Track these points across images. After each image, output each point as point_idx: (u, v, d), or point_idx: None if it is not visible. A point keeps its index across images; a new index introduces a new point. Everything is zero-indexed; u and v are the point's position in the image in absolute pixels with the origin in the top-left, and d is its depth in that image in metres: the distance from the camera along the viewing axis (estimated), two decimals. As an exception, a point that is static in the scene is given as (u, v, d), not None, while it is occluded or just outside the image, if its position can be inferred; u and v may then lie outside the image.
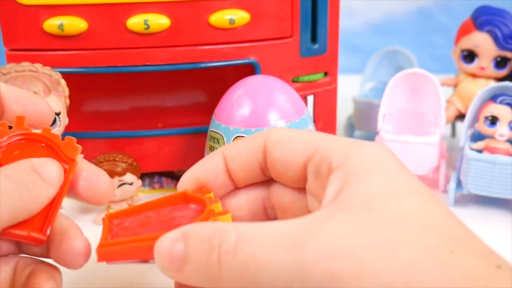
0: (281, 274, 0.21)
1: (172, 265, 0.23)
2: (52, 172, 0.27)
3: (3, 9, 0.40)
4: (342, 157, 0.25)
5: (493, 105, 0.46)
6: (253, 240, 0.22)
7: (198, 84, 0.51)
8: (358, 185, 0.23)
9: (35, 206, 0.26)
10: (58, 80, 0.38)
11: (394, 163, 0.25)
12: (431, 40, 0.84)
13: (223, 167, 0.29)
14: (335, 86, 0.48)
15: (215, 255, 0.22)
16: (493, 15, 0.50)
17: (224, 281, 0.22)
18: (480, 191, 0.45)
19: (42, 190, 0.26)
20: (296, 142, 0.27)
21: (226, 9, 0.41)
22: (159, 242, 0.24)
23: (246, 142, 0.29)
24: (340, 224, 0.22)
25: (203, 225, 0.23)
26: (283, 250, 0.21)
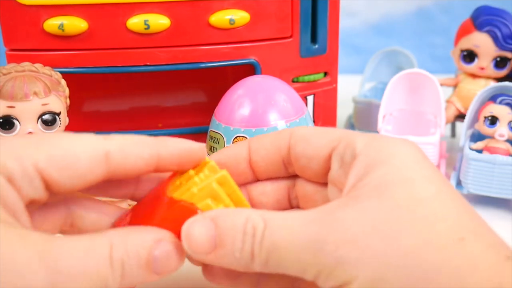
0: (298, 260, 0.23)
1: (202, 250, 0.24)
2: (172, 261, 0.24)
3: (3, 9, 0.40)
4: (364, 145, 0.26)
5: (493, 105, 0.46)
6: (276, 230, 0.24)
7: (198, 84, 0.51)
8: (375, 173, 0.24)
9: (126, 286, 0.23)
10: (58, 80, 0.38)
11: (413, 152, 0.25)
12: (431, 40, 0.84)
13: (246, 156, 0.30)
14: (335, 86, 0.48)
15: (249, 243, 0.24)
16: (493, 15, 0.50)
17: (255, 265, 0.24)
18: (480, 191, 0.45)
19: (143, 276, 0.24)
20: (319, 137, 0.28)
21: (226, 9, 0.41)
22: (187, 227, 0.24)
23: (272, 137, 0.30)
24: (350, 213, 0.23)
25: (233, 213, 0.25)
26: (300, 238, 0.23)
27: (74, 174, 0.25)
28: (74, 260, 0.22)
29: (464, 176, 0.45)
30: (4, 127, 0.37)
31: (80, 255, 0.22)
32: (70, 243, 0.22)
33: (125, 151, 0.26)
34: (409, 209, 0.23)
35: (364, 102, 0.57)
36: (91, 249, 0.22)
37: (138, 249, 0.23)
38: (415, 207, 0.23)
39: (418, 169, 0.25)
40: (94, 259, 0.22)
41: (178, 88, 0.51)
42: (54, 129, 0.38)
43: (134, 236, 0.24)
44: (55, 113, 0.37)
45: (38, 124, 0.37)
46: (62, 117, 0.38)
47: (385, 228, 0.23)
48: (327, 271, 0.23)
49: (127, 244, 0.23)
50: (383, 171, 0.24)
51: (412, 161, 0.25)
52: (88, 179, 0.25)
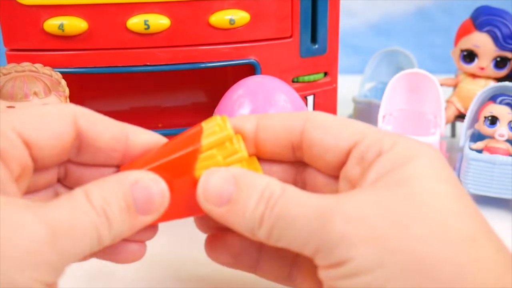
0: (302, 232, 0.23)
1: (215, 201, 0.25)
2: (154, 200, 0.25)
3: (3, 9, 0.40)
4: (391, 144, 0.25)
5: (493, 105, 0.46)
6: (290, 199, 0.24)
7: (198, 84, 0.51)
8: (398, 170, 0.24)
9: (113, 241, 0.24)
10: (59, 80, 0.38)
11: (435, 155, 0.25)
12: (431, 40, 0.84)
13: (251, 133, 0.28)
14: (335, 86, 0.48)
15: (262, 206, 0.24)
16: (493, 15, 0.50)
17: (261, 231, 0.24)
18: (479, 191, 0.45)
19: (128, 224, 0.24)
20: (340, 127, 0.27)
21: (226, 9, 0.41)
22: (207, 175, 0.25)
23: (283, 118, 0.28)
24: (365, 196, 0.23)
25: (256, 175, 0.25)
26: (309, 211, 0.23)
27: (48, 132, 0.25)
28: (63, 218, 0.22)
29: (464, 176, 0.45)
30: (4, 127, 0.37)
31: (66, 213, 0.23)
32: (55, 204, 0.23)
33: (93, 118, 0.27)
34: (426, 201, 0.23)
35: (364, 102, 0.57)
36: (72, 205, 0.23)
37: (115, 194, 0.24)
38: (433, 201, 0.23)
39: (440, 171, 0.24)
40: (78, 213, 0.23)
41: (178, 88, 0.51)
42: (54, 129, 0.38)
43: (110, 183, 0.24)
44: (55, 113, 0.37)
45: (38, 124, 0.37)
46: (62, 117, 0.38)
47: (398, 213, 0.22)
48: (329, 247, 0.23)
49: (103, 191, 0.24)
50: (407, 168, 0.24)
51: (435, 164, 0.25)
52: (62, 138, 0.26)
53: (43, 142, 0.25)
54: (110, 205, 0.24)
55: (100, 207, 0.23)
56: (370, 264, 0.22)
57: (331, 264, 0.23)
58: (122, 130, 0.27)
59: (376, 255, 0.22)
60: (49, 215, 0.22)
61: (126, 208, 0.24)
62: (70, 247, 0.22)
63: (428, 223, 0.22)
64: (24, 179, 0.25)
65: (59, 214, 0.22)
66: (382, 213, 0.22)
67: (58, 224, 0.22)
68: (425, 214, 0.22)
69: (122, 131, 0.27)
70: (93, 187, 0.24)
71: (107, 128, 0.27)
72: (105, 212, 0.23)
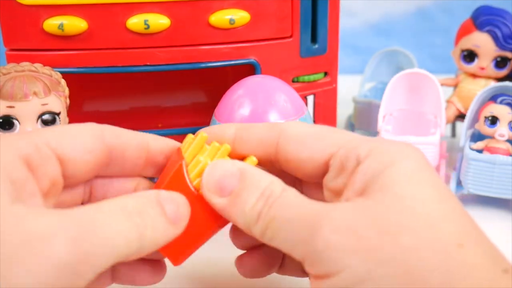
0: (291, 235, 0.23)
1: (218, 191, 0.25)
2: (180, 209, 0.25)
3: (3, 9, 0.40)
4: (368, 150, 0.25)
5: (493, 105, 0.46)
6: (287, 201, 0.24)
7: (198, 84, 0.51)
8: (381, 175, 0.24)
9: (148, 247, 0.24)
10: (58, 80, 0.38)
11: (417, 157, 0.25)
12: (431, 40, 0.84)
13: (230, 143, 0.28)
14: (335, 86, 0.48)
15: (261, 204, 0.24)
16: (493, 15, 0.50)
17: (256, 227, 0.25)
18: (480, 191, 0.45)
19: (162, 230, 0.24)
20: (315, 140, 0.27)
21: (226, 9, 0.41)
22: (213, 165, 0.26)
23: (259, 131, 0.28)
24: (352, 205, 0.23)
25: (261, 172, 0.26)
26: (302, 216, 0.23)
27: (81, 148, 0.26)
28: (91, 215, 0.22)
29: (464, 176, 0.45)
30: (4, 127, 0.37)
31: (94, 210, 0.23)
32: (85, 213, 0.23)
33: (117, 131, 0.28)
34: (413, 208, 0.23)
35: (364, 102, 0.57)
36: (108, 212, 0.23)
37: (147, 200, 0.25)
38: (419, 207, 0.23)
39: (423, 173, 0.24)
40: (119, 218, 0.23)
41: (178, 88, 0.51)
42: (54, 129, 0.38)
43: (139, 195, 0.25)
44: (55, 113, 0.37)
45: (37, 124, 0.37)
46: (62, 117, 0.38)
47: (385, 223, 0.22)
48: (315, 256, 0.22)
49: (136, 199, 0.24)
50: (389, 173, 0.24)
51: (417, 166, 0.24)
52: (95, 154, 0.27)
53: (77, 158, 0.26)
54: (145, 211, 0.24)
55: (136, 211, 0.24)
56: (358, 276, 0.22)
57: (320, 275, 0.23)
58: (143, 137, 0.29)
59: (364, 266, 0.21)
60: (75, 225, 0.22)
61: (160, 214, 0.25)
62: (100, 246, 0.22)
63: (416, 231, 0.22)
64: (52, 195, 0.26)
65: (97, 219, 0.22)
66: (369, 222, 0.22)
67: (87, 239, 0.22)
68: (412, 222, 0.22)
69: (143, 139, 0.28)
70: (126, 197, 0.24)
71: (131, 138, 0.28)
72: (139, 212, 0.24)
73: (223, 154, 0.27)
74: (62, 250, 0.21)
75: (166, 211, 0.25)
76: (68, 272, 0.21)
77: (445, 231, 0.22)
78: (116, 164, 0.28)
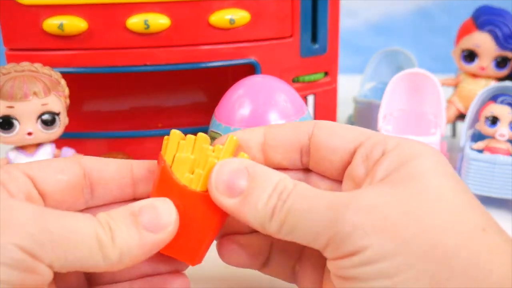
0: (314, 224, 0.23)
1: (228, 192, 0.25)
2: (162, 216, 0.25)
3: (3, 9, 0.40)
4: (395, 144, 0.26)
5: (494, 105, 0.46)
6: (303, 194, 0.24)
7: (198, 84, 0.51)
8: (407, 165, 0.24)
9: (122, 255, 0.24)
10: (58, 80, 0.38)
11: (438, 154, 0.26)
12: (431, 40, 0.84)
13: (259, 141, 0.29)
14: (335, 86, 0.48)
15: (274, 199, 0.24)
16: (493, 15, 0.50)
17: (272, 223, 0.24)
18: (480, 191, 0.45)
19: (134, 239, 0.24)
20: (346, 130, 0.28)
21: (226, 9, 0.41)
22: (220, 166, 0.25)
23: (293, 124, 0.29)
24: (377, 190, 0.24)
25: (270, 170, 0.26)
26: (323, 203, 0.24)
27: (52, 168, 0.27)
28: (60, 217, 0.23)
29: (465, 176, 0.45)
30: (4, 127, 0.37)
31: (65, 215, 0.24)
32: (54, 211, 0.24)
33: (94, 158, 0.28)
34: (436, 194, 0.23)
35: (364, 102, 0.57)
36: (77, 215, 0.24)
37: (122, 213, 0.25)
38: (443, 195, 0.23)
39: (445, 167, 0.25)
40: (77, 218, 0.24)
41: (178, 88, 0.51)
42: (54, 129, 0.38)
43: (120, 208, 0.25)
44: (54, 113, 0.37)
45: (37, 124, 0.37)
46: (61, 117, 0.38)
47: (410, 205, 0.23)
48: (341, 237, 0.23)
49: (110, 212, 0.25)
50: (415, 164, 0.24)
51: (438, 161, 0.25)
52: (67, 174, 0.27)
53: (47, 175, 0.26)
54: (115, 219, 0.24)
55: (104, 220, 0.24)
56: (384, 253, 0.22)
57: (344, 255, 0.23)
58: (125, 161, 0.28)
59: (390, 243, 0.22)
60: (42, 208, 0.23)
61: (132, 223, 0.24)
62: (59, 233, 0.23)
63: (441, 214, 0.23)
64: None
65: (55, 211, 0.24)
66: (395, 204, 0.23)
67: (49, 212, 0.23)
68: (437, 206, 0.23)
69: (125, 162, 0.28)
70: (102, 212, 0.25)
71: (109, 161, 0.28)
72: (108, 224, 0.24)
73: (203, 142, 0.27)
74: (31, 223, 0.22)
75: (142, 220, 0.25)
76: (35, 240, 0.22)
77: (469, 217, 0.23)
78: (100, 188, 0.28)
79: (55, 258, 0.23)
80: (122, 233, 0.24)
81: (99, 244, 0.23)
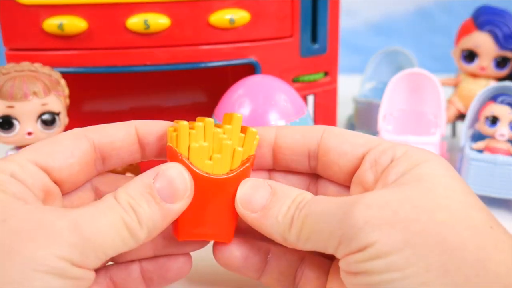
0: (329, 222, 0.24)
1: (253, 207, 0.27)
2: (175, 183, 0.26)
3: (3, 9, 0.40)
4: (403, 151, 0.27)
5: (494, 105, 0.46)
6: (318, 201, 0.26)
7: (198, 84, 0.51)
8: (415, 170, 0.25)
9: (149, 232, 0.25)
10: (58, 80, 0.38)
11: (444, 161, 0.26)
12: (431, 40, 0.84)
13: (270, 141, 0.30)
14: (335, 86, 0.48)
15: (293, 209, 0.26)
16: (493, 15, 0.50)
17: (291, 233, 0.26)
18: (480, 191, 0.44)
19: (157, 214, 0.25)
20: (356, 136, 0.29)
21: (226, 9, 0.41)
22: (244, 186, 0.27)
23: (303, 128, 0.30)
24: (387, 189, 0.25)
25: (288, 186, 0.27)
26: (335, 205, 0.25)
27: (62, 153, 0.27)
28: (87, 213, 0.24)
29: (465, 176, 0.45)
30: (4, 127, 0.37)
31: (91, 210, 0.24)
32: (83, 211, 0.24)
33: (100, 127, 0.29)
34: (444, 193, 0.24)
35: (364, 102, 0.57)
36: (98, 205, 0.25)
37: (139, 189, 0.25)
38: (450, 193, 0.24)
39: (450, 171, 0.26)
40: (102, 209, 0.24)
41: (178, 88, 0.51)
42: (54, 129, 0.38)
43: (134, 181, 0.26)
44: (54, 113, 0.37)
45: (37, 124, 0.37)
46: (61, 117, 0.38)
47: (421, 201, 0.23)
48: (352, 233, 0.23)
49: (128, 189, 0.25)
50: (423, 167, 0.25)
51: (444, 166, 0.26)
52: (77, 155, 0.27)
53: (60, 163, 0.27)
54: (135, 198, 0.25)
55: (125, 202, 0.25)
56: (394, 246, 0.22)
57: (355, 250, 0.23)
58: (129, 125, 0.29)
59: (400, 236, 0.22)
60: (73, 213, 0.24)
61: (151, 198, 0.25)
62: (95, 237, 0.23)
63: (450, 210, 0.23)
64: (52, 203, 0.27)
65: (83, 211, 0.24)
66: (405, 200, 0.23)
67: (80, 217, 0.24)
68: (446, 203, 0.23)
69: (129, 125, 0.29)
70: (120, 189, 0.26)
71: (116, 129, 0.29)
72: (131, 205, 0.25)
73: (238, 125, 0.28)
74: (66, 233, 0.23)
75: (159, 193, 0.26)
76: (77, 251, 0.23)
77: (477, 215, 0.24)
78: (111, 157, 0.29)
79: (97, 261, 0.24)
80: (146, 212, 0.25)
81: (129, 232, 0.25)
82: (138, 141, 0.29)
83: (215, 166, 0.27)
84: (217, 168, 0.27)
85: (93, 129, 0.29)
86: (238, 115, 0.28)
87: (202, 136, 0.27)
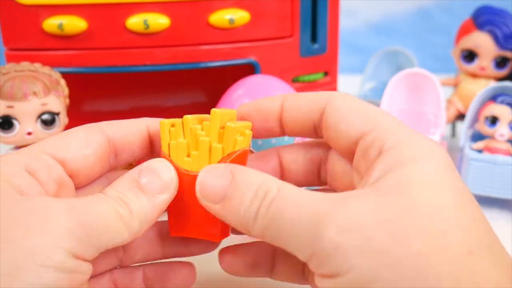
0: (296, 237, 0.23)
1: (212, 198, 0.25)
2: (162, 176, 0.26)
3: (3, 9, 0.40)
4: (394, 142, 0.25)
5: (493, 105, 0.46)
6: (286, 199, 0.24)
7: (198, 84, 0.51)
8: (400, 170, 0.23)
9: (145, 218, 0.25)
10: (58, 79, 0.38)
11: (442, 158, 0.25)
12: (431, 40, 0.84)
13: (276, 114, 0.29)
14: (335, 86, 0.48)
15: (257, 204, 0.24)
16: (493, 15, 0.50)
17: (255, 227, 0.24)
18: (480, 191, 0.45)
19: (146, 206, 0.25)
20: (354, 115, 0.27)
21: (226, 9, 0.41)
22: (204, 174, 0.26)
23: (308, 98, 0.29)
24: (363, 203, 0.23)
25: (252, 172, 0.25)
26: (306, 215, 0.23)
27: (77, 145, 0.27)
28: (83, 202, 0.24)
29: (465, 176, 0.45)
30: (3, 127, 0.37)
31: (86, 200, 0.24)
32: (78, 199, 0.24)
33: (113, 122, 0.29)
34: (425, 212, 0.22)
35: (364, 102, 0.57)
36: (92, 197, 0.25)
37: (126, 184, 0.26)
38: (432, 212, 0.22)
39: (444, 175, 0.24)
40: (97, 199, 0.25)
41: (178, 88, 0.51)
42: (54, 129, 0.38)
43: (119, 180, 0.26)
44: (54, 113, 0.37)
45: (37, 124, 0.37)
46: (61, 117, 0.38)
47: (397, 226, 0.22)
48: (322, 256, 0.22)
49: (116, 186, 0.26)
50: (409, 170, 0.23)
51: (439, 167, 0.24)
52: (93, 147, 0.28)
53: (75, 155, 0.27)
54: (124, 193, 0.25)
55: (115, 197, 0.25)
56: (366, 277, 0.21)
57: (326, 274, 0.22)
58: (140, 122, 0.29)
59: (372, 268, 0.21)
60: (69, 200, 0.24)
61: (139, 190, 0.25)
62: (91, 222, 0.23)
63: (427, 236, 0.21)
64: (65, 195, 0.27)
65: (78, 199, 0.24)
66: (380, 223, 0.22)
67: (76, 202, 0.24)
68: (424, 227, 0.22)
69: (140, 122, 0.29)
70: (108, 187, 0.26)
71: (129, 125, 0.29)
72: (120, 198, 0.25)
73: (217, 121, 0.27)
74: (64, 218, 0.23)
75: (146, 185, 0.26)
76: (74, 237, 0.23)
77: (457, 238, 0.22)
78: (124, 151, 0.29)
79: (93, 250, 0.24)
80: (136, 204, 0.25)
81: (123, 221, 0.24)
82: (149, 137, 0.29)
83: (193, 163, 0.27)
84: (195, 165, 0.27)
85: (106, 123, 0.29)
86: (217, 110, 0.28)
87: (181, 133, 0.28)
